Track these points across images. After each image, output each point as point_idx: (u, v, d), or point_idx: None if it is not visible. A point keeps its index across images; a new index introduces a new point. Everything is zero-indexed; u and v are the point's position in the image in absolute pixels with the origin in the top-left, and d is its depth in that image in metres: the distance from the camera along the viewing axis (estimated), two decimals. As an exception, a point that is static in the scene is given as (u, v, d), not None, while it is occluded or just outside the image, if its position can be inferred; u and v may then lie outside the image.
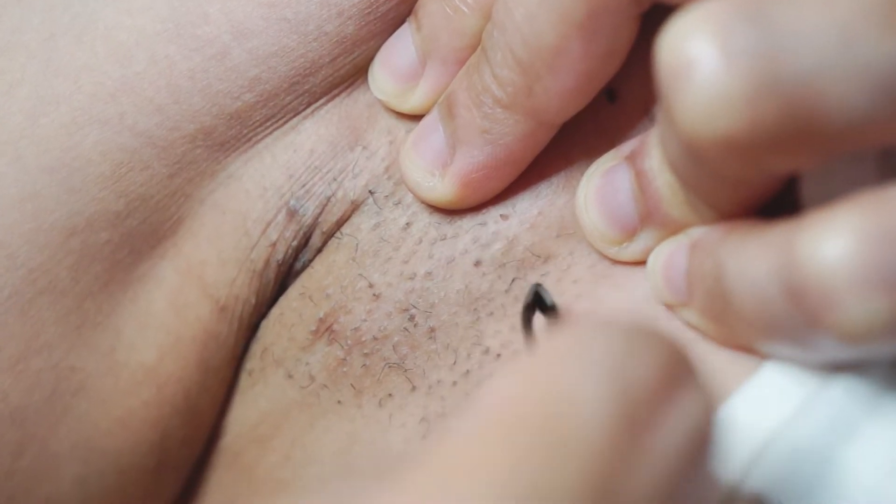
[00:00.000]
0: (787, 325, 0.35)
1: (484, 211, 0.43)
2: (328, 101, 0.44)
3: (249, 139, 0.44)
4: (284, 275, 0.45)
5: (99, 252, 0.43)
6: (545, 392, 0.30)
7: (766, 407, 0.37)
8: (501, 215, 0.43)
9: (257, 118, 0.43)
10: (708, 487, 0.31)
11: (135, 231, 0.44)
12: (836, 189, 0.36)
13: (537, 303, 0.38)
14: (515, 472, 0.28)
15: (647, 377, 0.30)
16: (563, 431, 0.29)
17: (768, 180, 0.37)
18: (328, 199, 0.44)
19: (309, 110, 0.44)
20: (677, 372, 0.31)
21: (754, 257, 0.36)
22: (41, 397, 0.43)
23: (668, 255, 0.40)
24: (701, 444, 0.31)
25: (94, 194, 0.43)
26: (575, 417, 0.29)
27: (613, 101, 0.43)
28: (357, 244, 0.44)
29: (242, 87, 0.43)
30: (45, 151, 0.42)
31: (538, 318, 0.39)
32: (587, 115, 0.42)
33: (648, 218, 0.40)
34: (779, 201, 0.38)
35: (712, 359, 0.38)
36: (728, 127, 0.33)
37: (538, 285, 0.38)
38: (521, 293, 0.42)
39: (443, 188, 0.43)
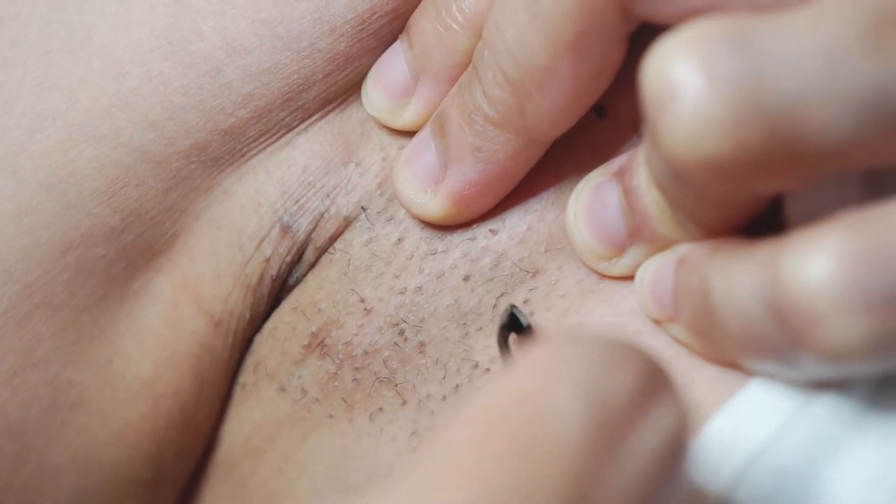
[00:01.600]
0: (772, 344, 0.35)
1: (474, 226, 0.43)
2: (322, 118, 0.44)
3: (243, 155, 0.44)
4: (278, 290, 0.45)
5: (95, 267, 0.44)
6: (523, 403, 0.30)
7: (750, 424, 0.37)
8: (491, 230, 0.43)
9: (251, 134, 0.44)
10: (681, 495, 0.31)
11: (130, 246, 0.44)
12: (821, 208, 0.36)
13: (512, 323, 0.39)
14: (493, 480, 0.29)
15: (622, 388, 0.30)
16: (540, 440, 0.29)
17: (753, 201, 0.37)
18: (321, 214, 0.44)
19: (302, 126, 0.44)
20: (653, 382, 0.31)
21: (740, 275, 0.36)
22: (39, 410, 0.44)
23: (656, 271, 0.40)
24: (676, 453, 0.31)
25: (90, 209, 0.43)
26: (552, 426, 0.29)
27: (603, 118, 0.43)
28: (349, 259, 0.44)
29: (236, 103, 0.43)
30: (42, 167, 0.43)
31: (513, 339, 0.39)
32: (577, 131, 0.42)
33: (637, 234, 0.40)
34: (765, 218, 0.38)
35: (698, 374, 0.39)
36: (713, 150, 0.33)
37: (513, 306, 0.38)
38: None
39: (435, 205, 0.43)
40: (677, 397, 0.31)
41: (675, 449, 0.31)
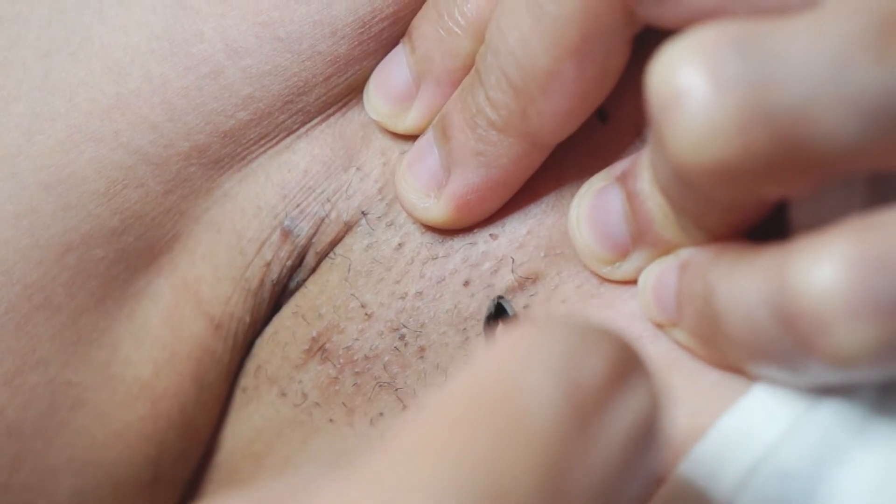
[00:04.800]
0: (777, 349, 0.35)
1: (475, 231, 0.43)
2: (322, 121, 0.44)
3: (244, 157, 0.44)
4: (279, 294, 0.45)
5: (94, 268, 0.43)
6: (497, 385, 0.30)
7: (754, 428, 0.37)
8: (491, 235, 0.43)
9: (251, 136, 0.44)
10: (651, 475, 0.32)
11: (130, 248, 0.44)
12: (826, 212, 0.36)
13: (499, 314, 0.39)
14: (466, 460, 0.29)
15: (595, 369, 0.30)
16: (514, 421, 0.29)
17: (758, 205, 0.37)
18: (322, 219, 0.44)
19: (303, 129, 0.44)
20: (626, 363, 0.31)
21: (744, 281, 0.36)
22: (38, 412, 0.44)
23: (659, 275, 0.40)
24: (649, 432, 0.31)
25: (90, 211, 0.43)
26: (526, 407, 0.29)
27: (605, 122, 0.43)
28: (350, 265, 0.44)
29: (236, 105, 0.43)
30: (41, 168, 0.43)
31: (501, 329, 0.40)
32: (579, 135, 0.42)
33: (640, 238, 0.40)
34: (769, 222, 0.38)
35: (701, 379, 0.39)
36: (719, 155, 0.33)
37: (500, 297, 0.38)
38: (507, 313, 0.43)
39: (438, 209, 0.43)
40: (650, 377, 0.31)
41: (648, 428, 0.31)
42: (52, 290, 0.43)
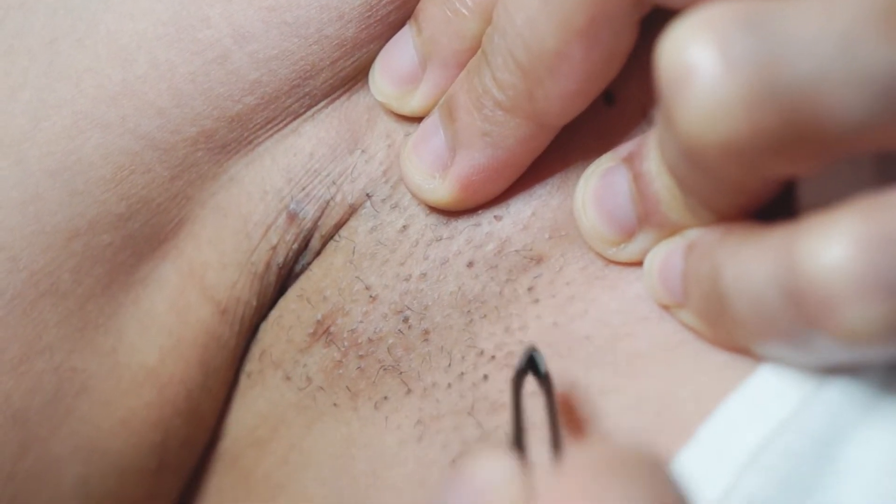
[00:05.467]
0: (785, 328, 0.35)
1: (479, 212, 0.43)
2: (329, 104, 0.44)
3: (250, 142, 0.44)
4: (285, 277, 0.45)
5: (101, 254, 0.43)
6: None
7: (761, 408, 0.37)
8: (495, 216, 0.43)
9: (258, 121, 0.44)
10: None
11: (136, 233, 0.44)
12: (834, 193, 0.36)
13: (531, 367, 0.38)
14: None
15: None
16: None
17: (766, 185, 0.37)
18: (327, 202, 0.44)
19: (309, 113, 0.44)
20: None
21: (752, 260, 0.36)
22: (43, 399, 0.43)
23: (665, 257, 0.40)
24: None
25: (97, 197, 0.43)
26: None
27: (611, 105, 0.43)
28: (354, 247, 0.44)
29: (243, 90, 0.43)
30: (48, 154, 0.43)
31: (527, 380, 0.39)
32: (585, 118, 0.42)
33: (646, 219, 0.40)
34: (776, 204, 0.38)
35: (707, 360, 0.39)
36: (727, 133, 0.33)
37: (533, 349, 0.38)
38: (513, 296, 0.42)
39: (443, 190, 0.43)
40: None
41: None
42: (59, 277, 0.43)
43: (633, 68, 0.41)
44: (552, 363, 0.40)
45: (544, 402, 0.38)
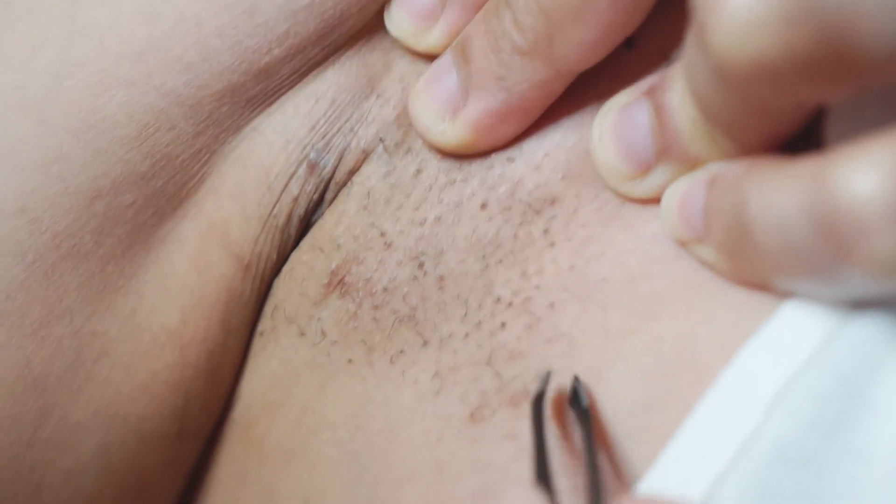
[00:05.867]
0: (813, 260, 0.35)
1: (492, 154, 0.43)
2: (349, 49, 0.44)
3: (275, 93, 0.44)
4: (304, 229, 0.45)
5: (123, 214, 0.43)
6: None
7: (786, 346, 0.37)
8: (508, 158, 0.43)
9: (284, 72, 0.44)
10: None
11: (159, 192, 0.44)
12: (862, 129, 0.35)
13: (573, 397, 0.38)
14: None
15: None
16: None
17: (796, 111, 0.37)
18: (344, 150, 0.44)
19: (330, 60, 0.44)
20: None
21: (781, 190, 0.35)
22: (63, 364, 0.43)
23: (686, 190, 0.39)
24: None
25: (121, 156, 0.43)
26: None
27: (630, 49, 0.43)
28: (368, 192, 0.44)
29: (272, 41, 0.43)
30: (71, 114, 0.43)
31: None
32: (603, 61, 0.41)
33: (665, 153, 0.40)
34: (800, 143, 0.38)
35: (727, 296, 0.38)
36: (761, 50, 0.33)
37: (576, 379, 0.38)
38: (529, 239, 0.42)
39: (453, 133, 0.43)
40: None
41: None
42: (80, 238, 0.43)
43: (654, 13, 0.41)
44: (569, 307, 0.40)
45: (582, 439, 0.37)
